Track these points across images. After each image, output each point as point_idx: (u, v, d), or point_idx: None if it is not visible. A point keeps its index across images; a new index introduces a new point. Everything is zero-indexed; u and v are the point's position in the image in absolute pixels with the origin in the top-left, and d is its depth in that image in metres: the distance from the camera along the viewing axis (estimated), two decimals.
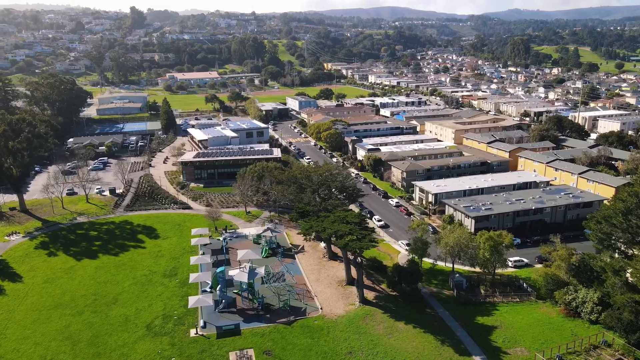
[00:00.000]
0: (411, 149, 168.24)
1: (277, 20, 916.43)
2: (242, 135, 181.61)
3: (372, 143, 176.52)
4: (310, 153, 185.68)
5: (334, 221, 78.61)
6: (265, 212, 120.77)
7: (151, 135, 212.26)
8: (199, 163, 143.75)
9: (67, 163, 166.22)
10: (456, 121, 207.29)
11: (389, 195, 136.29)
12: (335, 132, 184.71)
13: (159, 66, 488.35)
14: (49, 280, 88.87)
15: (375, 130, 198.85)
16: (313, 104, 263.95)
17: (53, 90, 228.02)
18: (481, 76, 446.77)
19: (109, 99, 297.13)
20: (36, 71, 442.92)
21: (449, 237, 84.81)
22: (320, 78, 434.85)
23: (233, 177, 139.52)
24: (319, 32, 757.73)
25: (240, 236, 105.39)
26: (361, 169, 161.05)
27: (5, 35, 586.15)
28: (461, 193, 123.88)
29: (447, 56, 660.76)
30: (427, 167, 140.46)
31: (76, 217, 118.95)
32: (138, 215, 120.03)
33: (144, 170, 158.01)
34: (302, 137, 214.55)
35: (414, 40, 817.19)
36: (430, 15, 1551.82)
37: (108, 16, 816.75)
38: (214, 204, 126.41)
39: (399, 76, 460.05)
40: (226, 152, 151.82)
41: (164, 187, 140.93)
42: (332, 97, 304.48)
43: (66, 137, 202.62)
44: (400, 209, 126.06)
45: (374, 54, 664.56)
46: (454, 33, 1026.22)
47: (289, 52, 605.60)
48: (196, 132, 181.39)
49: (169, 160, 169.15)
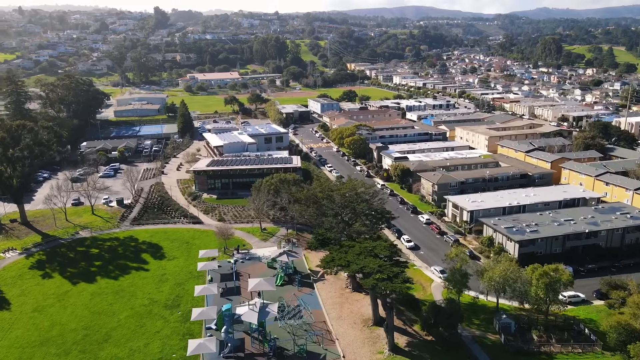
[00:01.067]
0: (441, 157, 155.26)
1: (300, 20, 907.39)
2: (261, 140, 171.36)
3: (398, 150, 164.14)
4: (332, 160, 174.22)
5: (359, 253, 67.10)
6: (282, 229, 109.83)
7: (167, 139, 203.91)
8: (212, 172, 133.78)
9: (77, 169, 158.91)
10: (489, 127, 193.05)
11: (418, 211, 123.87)
12: (359, 138, 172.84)
13: (180, 66, 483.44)
14: (39, 308, 79.56)
15: (402, 136, 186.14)
16: (336, 107, 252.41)
17: (69, 92, 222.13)
18: (511, 77, 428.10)
19: (127, 100, 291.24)
20: (59, 71, 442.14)
21: (494, 270, 72.36)
22: (343, 79, 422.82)
23: (249, 187, 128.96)
24: (342, 31, 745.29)
25: (254, 258, 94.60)
26: (387, 179, 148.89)
27: (31, 35, 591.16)
28: (500, 211, 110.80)
29: (474, 56, 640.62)
30: (461, 179, 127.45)
31: (78, 232, 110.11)
32: (144, 231, 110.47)
33: (155, 178, 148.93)
34: (324, 142, 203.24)
35: (439, 40, 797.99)
36: (455, 14, 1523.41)
37: (132, 16, 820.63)
38: (227, 219, 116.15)
39: (425, 77, 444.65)
40: (242, 161, 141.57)
41: (174, 197, 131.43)
42: (356, 99, 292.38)
43: (80, 141, 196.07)
44: (432, 227, 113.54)
45: (398, 54, 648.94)
46: (481, 32, 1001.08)
47: (311, 52, 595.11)
48: (212, 137, 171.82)
49: (183, 167, 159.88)
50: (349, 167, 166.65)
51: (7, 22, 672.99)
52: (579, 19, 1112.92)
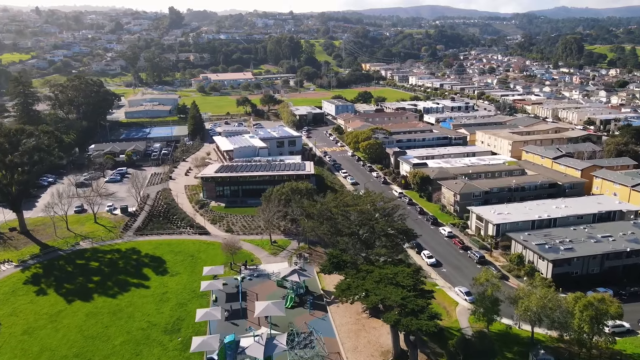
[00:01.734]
0: (462, 163, 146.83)
1: (314, 19, 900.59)
2: (272, 144, 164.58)
3: (417, 156, 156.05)
4: (347, 165, 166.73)
5: (379, 280, 59.74)
6: (294, 242, 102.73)
7: (177, 141, 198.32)
8: (220, 179, 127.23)
9: (83, 173, 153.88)
10: (512, 130, 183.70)
11: (439, 222, 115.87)
12: (376, 142, 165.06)
13: (193, 66, 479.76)
14: (30, 330, 73.56)
15: (420, 140, 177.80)
16: (351, 109, 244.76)
17: (79, 93, 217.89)
18: (531, 78, 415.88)
19: (139, 101, 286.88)
20: (72, 72, 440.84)
21: (530, 298, 64.35)
22: (358, 79, 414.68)
23: (259, 195, 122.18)
24: (357, 31, 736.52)
25: (262, 275, 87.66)
26: (405, 187, 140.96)
27: (46, 35, 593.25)
28: (529, 224, 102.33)
29: (491, 56, 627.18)
30: (485, 188, 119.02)
31: (79, 242, 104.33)
32: (148, 242, 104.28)
33: (163, 184, 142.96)
34: (338, 146, 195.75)
35: (456, 40, 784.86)
36: (471, 13, 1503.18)
37: (147, 16, 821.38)
38: (235, 229, 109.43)
39: (442, 78, 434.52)
40: (252, 166, 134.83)
41: (181, 205, 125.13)
42: (371, 100, 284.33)
43: (89, 143, 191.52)
44: (454, 240, 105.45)
45: (414, 54, 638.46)
46: (498, 32, 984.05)
47: (326, 52, 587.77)
48: (222, 141, 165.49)
49: (192, 172, 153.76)
50: (365, 172, 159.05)
51: (24, 22, 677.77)
52: (599, 18, 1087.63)
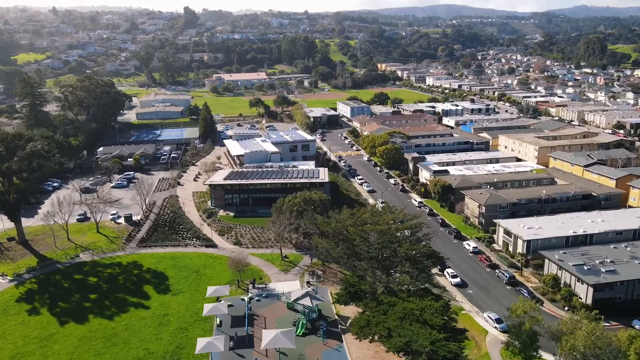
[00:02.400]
0: (486, 171, 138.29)
1: (329, 19, 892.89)
2: (285, 149, 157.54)
3: (437, 162, 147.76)
4: (363, 171, 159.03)
5: (402, 316, 52.33)
6: (306, 257, 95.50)
7: (187, 144, 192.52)
8: (229, 186, 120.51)
9: (89, 178, 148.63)
10: (538, 135, 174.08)
11: (462, 236, 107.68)
12: (393, 147, 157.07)
13: (207, 66, 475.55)
14: (17, 357, 67.49)
15: (439, 145, 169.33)
16: (366, 111, 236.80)
17: (89, 94, 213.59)
18: (553, 78, 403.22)
19: (151, 102, 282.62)
20: (86, 72, 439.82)
21: (575, 334, 56.19)
22: (374, 80, 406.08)
23: (270, 204, 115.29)
24: (373, 31, 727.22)
25: (272, 295, 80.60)
26: (425, 195, 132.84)
27: (62, 35, 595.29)
28: (562, 240, 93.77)
29: (510, 56, 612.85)
30: (513, 200, 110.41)
31: (79, 254, 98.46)
32: (151, 255, 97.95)
33: (170, 190, 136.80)
34: (354, 150, 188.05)
35: (473, 39, 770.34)
36: (489, 12, 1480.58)
37: (162, 16, 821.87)
38: (244, 242, 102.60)
39: (460, 78, 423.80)
40: (263, 173, 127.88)
41: (188, 213, 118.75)
42: (388, 102, 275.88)
43: (98, 145, 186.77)
44: (480, 257, 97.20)
45: (430, 53, 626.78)
46: (516, 31, 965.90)
47: (341, 52, 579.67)
48: (232, 145, 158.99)
49: (201, 177, 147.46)
50: (382, 179, 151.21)
51: (41, 23, 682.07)
52: (621, 17, 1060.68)
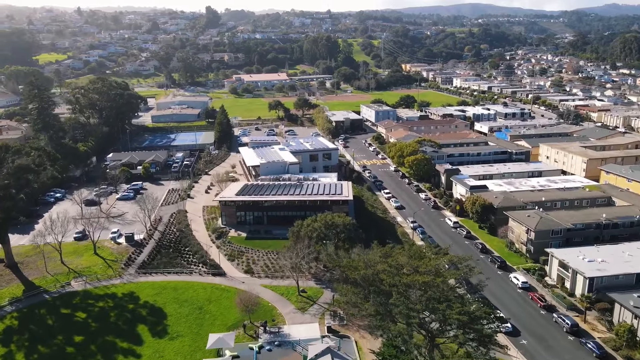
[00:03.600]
0: (529, 186, 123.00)
1: (352, 18, 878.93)
2: (305, 158, 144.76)
3: (473, 175, 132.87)
4: (390, 183, 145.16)
5: None
6: (327, 291, 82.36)
7: (201, 150, 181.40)
8: (242, 203, 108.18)
9: (94, 188, 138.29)
10: (584, 144, 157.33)
11: (508, 266, 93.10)
12: (424, 157, 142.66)
13: (227, 67, 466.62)
14: None
15: (474, 155, 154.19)
16: (392, 116, 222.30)
17: (101, 96, 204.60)
18: (589, 80, 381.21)
19: (167, 104, 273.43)
20: (106, 72, 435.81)
21: None
22: (398, 81, 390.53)
23: (287, 223, 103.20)
24: (397, 30, 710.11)
25: (285, 343, 67.79)
26: (460, 213, 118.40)
27: (85, 35, 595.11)
28: (633, 278, 78.65)
29: (540, 56, 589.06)
30: (567, 224, 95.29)
31: (70, 282, 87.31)
32: (150, 284, 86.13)
33: (179, 204, 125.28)
34: (379, 159, 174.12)
35: (501, 39, 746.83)
36: (515, 11, 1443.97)
37: (184, 16, 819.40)
38: (256, 270, 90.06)
39: (489, 79, 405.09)
40: (280, 187, 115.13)
41: (196, 232, 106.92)
42: (414, 105, 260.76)
43: (109, 151, 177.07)
44: (532, 295, 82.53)
45: (456, 53, 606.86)
46: (544, 30, 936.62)
47: (364, 52, 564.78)
48: (248, 154, 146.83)
49: (213, 189, 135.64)
50: (411, 193, 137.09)
51: (65, 23, 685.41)
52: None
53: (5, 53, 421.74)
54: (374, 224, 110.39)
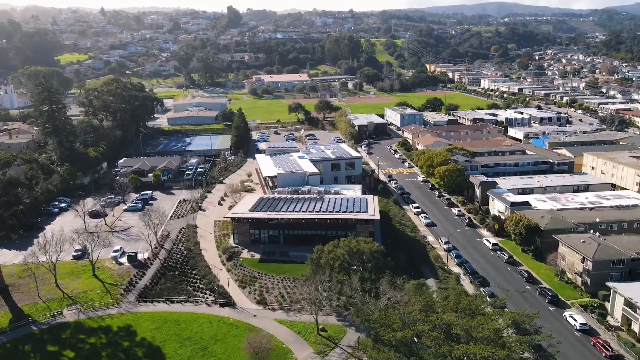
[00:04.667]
0: (578, 203, 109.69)
1: (375, 18, 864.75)
2: (326, 167, 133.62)
3: (511, 188, 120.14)
4: (419, 196, 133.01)
5: None
6: (350, 330, 71.18)
7: (216, 156, 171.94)
8: (256, 220, 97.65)
9: (101, 198, 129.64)
10: (634, 154, 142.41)
11: (561, 301, 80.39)
12: (456, 168, 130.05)
13: (247, 67, 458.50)
14: None
15: (511, 165, 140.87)
16: (419, 120, 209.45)
17: (115, 98, 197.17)
18: (627, 81, 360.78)
19: (184, 105, 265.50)
20: (126, 72, 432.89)
21: None
22: (423, 82, 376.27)
23: (305, 243, 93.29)
24: (421, 29, 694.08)
25: None
26: (499, 232, 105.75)
27: (107, 36, 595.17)
28: None
29: (571, 56, 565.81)
30: (631, 254, 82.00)
31: (62, 311, 78.00)
32: (151, 316, 76.19)
33: (190, 217, 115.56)
34: (406, 167, 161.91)
35: (529, 38, 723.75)
36: (542, 10, 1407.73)
37: (206, 16, 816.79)
38: (270, 300, 79.35)
39: (518, 80, 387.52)
40: (299, 202, 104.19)
41: (205, 252, 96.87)
42: (441, 108, 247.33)
43: (122, 156, 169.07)
44: (594, 341, 69.81)
45: (482, 53, 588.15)
46: (573, 29, 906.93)
47: (387, 52, 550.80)
48: (264, 162, 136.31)
49: (226, 200, 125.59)
50: (442, 207, 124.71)
51: (88, 23, 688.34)
52: None
53: (28, 53, 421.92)
54: (402, 244, 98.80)
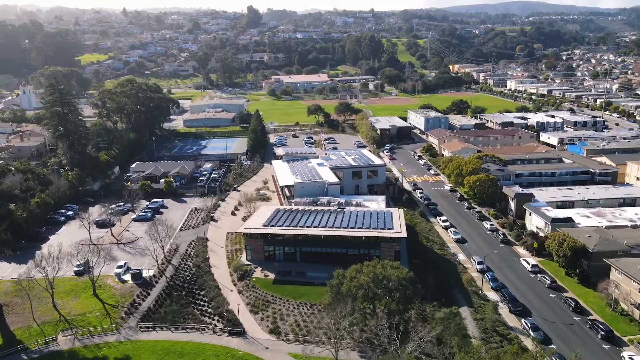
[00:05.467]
0: (627, 220, 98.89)
1: (396, 17, 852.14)
2: (347, 175, 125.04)
3: (549, 200, 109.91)
4: (446, 207, 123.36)
5: None
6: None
7: (232, 161, 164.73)
8: (270, 236, 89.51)
9: (110, 205, 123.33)
10: None
11: (615, 336, 70.28)
12: (487, 178, 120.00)
13: (266, 67, 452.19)
14: None
15: (548, 174, 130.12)
16: (444, 123, 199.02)
17: (130, 100, 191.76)
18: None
19: (201, 107, 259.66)
20: (145, 72, 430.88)
21: None
22: (447, 83, 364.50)
23: (324, 260, 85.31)
24: (444, 29, 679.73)
25: None
26: (538, 252, 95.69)
27: (128, 36, 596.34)
28: None
29: (601, 56, 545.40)
30: None
31: (57, 338, 71.04)
32: (152, 345, 68.61)
33: (201, 228, 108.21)
34: (432, 175, 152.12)
35: (555, 38, 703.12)
36: (568, 9, 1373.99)
37: (226, 16, 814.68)
38: (284, 329, 71.09)
39: (546, 82, 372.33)
40: (318, 215, 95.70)
41: (215, 269, 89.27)
42: (467, 111, 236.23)
43: (134, 160, 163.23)
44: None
45: (507, 53, 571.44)
46: (602, 29, 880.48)
47: (409, 52, 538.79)
48: (281, 170, 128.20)
49: (240, 210, 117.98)
50: (472, 221, 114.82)
51: (110, 23, 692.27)
52: None
53: (49, 53, 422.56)
54: (430, 263, 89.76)
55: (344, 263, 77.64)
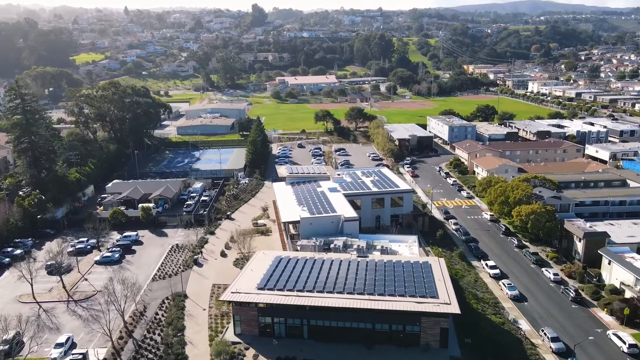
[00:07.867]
0: None
1: (405, 16, 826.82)
2: (366, 202, 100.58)
3: (627, 241, 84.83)
4: (490, 245, 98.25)
5: None
6: None
7: (226, 179, 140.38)
8: (266, 306, 64.78)
9: (72, 241, 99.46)
10: None
11: None
12: (543, 209, 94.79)
13: (271, 67, 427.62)
14: None
15: (615, 203, 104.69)
16: (471, 133, 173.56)
17: (113, 105, 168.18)
18: None
19: (198, 111, 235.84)
20: (142, 73, 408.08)
21: None
22: (463, 85, 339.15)
23: (341, 340, 61.03)
24: (455, 28, 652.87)
25: None
26: (629, 319, 70.64)
27: (127, 35, 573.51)
28: None
29: (621, 56, 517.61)
30: None
31: None
32: None
33: (180, 276, 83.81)
34: (464, 197, 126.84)
35: (571, 37, 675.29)
36: (578, 8, 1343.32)
37: (230, 14, 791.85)
38: None
39: (569, 83, 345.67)
40: (332, 268, 70.88)
41: (191, 350, 64.71)
42: (494, 117, 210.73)
43: (113, 178, 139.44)
44: None
45: (522, 53, 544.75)
46: (615, 28, 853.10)
47: (420, 52, 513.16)
48: (284, 196, 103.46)
49: (232, 248, 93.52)
50: (527, 265, 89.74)
51: (109, 22, 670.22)
52: None
53: (42, 53, 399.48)
54: (489, 343, 64.59)
55: (370, 342, 58.22)
